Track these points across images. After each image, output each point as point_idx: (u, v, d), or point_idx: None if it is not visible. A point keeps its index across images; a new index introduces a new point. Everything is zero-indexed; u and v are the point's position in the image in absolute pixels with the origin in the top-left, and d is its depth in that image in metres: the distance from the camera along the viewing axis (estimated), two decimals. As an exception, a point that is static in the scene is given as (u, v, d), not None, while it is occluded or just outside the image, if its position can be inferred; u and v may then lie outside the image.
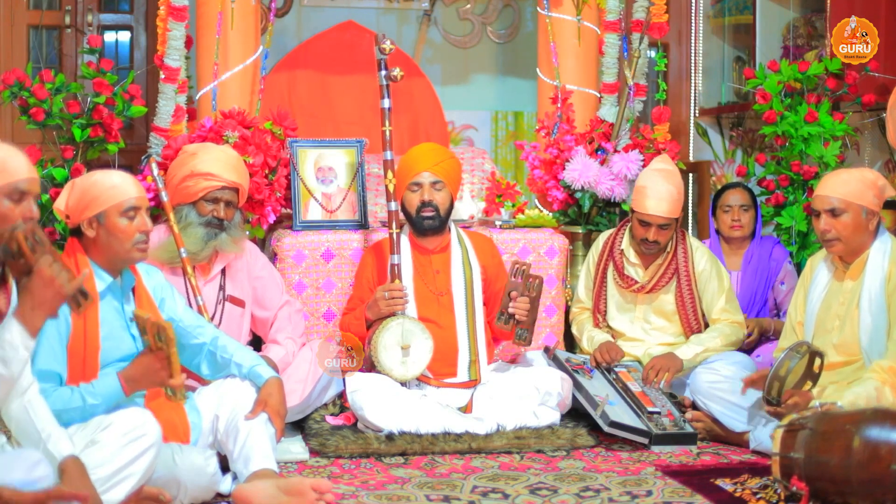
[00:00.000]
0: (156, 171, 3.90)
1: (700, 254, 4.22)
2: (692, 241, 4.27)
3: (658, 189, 4.07)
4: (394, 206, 3.99)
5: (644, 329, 4.25)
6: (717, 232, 4.66)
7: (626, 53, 4.94)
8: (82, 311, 2.59)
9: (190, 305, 3.57)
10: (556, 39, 4.92)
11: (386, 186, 4.01)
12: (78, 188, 3.08)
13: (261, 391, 3.25)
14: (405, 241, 4.07)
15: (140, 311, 3.01)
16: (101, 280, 3.05)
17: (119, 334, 3.07)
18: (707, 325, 4.20)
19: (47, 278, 2.49)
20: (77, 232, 3.08)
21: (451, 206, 4.10)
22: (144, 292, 3.17)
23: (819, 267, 3.75)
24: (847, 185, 3.54)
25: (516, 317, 3.91)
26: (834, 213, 3.54)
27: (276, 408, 3.22)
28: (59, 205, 3.11)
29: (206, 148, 3.92)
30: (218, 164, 3.79)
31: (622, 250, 4.26)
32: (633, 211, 4.17)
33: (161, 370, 2.91)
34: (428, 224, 4.02)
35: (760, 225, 4.64)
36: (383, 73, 4.01)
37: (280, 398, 3.26)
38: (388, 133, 4.02)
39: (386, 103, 4.01)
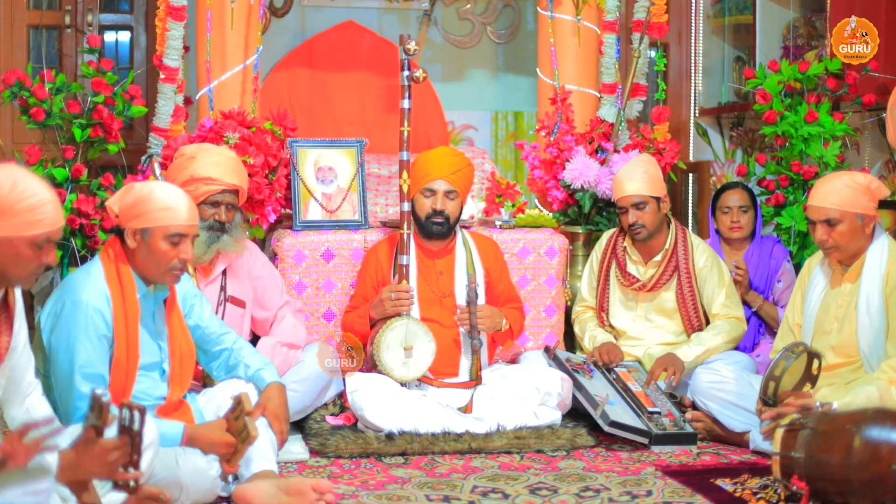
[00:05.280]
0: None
1: (700, 251, 4.25)
2: (693, 238, 4.29)
3: (627, 173, 4.24)
4: (406, 206, 3.99)
5: (646, 327, 4.27)
6: (717, 232, 4.67)
7: (617, 54, 4.95)
8: (129, 495, 2.49)
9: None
10: (555, 39, 4.93)
11: (400, 186, 4.01)
12: (133, 195, 3.03)
13: (261, 395, 3.27)
14: (411, 243, 4.07)
15: (245, 397, 3.01)
16: (138, 289, 3.06)
17: (148, 343, 3.09)
18: (708, 322, 4.22)
19: (107, 460, 2.38)
20: (119, 233, 3.06)
21: (461, 213, 4.12)
22: (175, 303, 3.19)
23: (816, 269, 3.76)
24: (840, 194, 3.53)
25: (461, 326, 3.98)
26: (830, 223, 3.53)
27: (275, 411, 3.23)
28: (112, 203, 3.07)
29: (204, 150, 3.84)
30: (218, 168, 3.73)
31: (624, 248, 4.30)
32: (615, 205, 4.30)
33: (225, 450, 2.97)
34: (436, 230, 4.03)
35: (760, 224, 4.64)
36: (406, 73, 4.01)
37: (279, 402, 3.27)
38: (405, 133, 4.01)
39: (406, 104, 4.01)
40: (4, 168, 2.41)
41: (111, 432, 2.38)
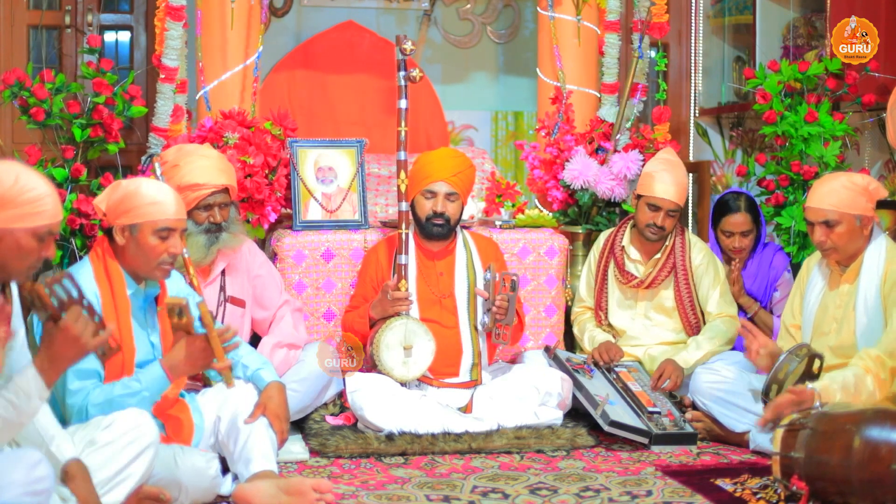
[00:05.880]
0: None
1: (697, 249, 4.27)
2: (690, 236, 4.30)
3: (667, 176, 4.18)
4: (405, 206, 3.99)
5: (645, 326, 4.27)
6: (717, 241, 4.61)
7: (640, 51, 4.91)
8: (108, 358, 2.51)
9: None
10: (556, 39, 4.93)
11: (398, 186, 4.01)
12: (120, 192, 3.06)
13: (261, 395, 3.27)
14: (411, 243, 4.07)
15: (171, 298, 2.97)
16: (128, 287, 3.06)
17: (141, 340, 3.09)
18: (705, 320, 4.22)
19: (73, 336, 2.41)
20: (109, 232, 3.07)
21: (461, 214, 4.12)
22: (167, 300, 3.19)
23: (815, 270, 3.76)
24: (838, 195, 3.53)
25: (496, 315, 3.91)
26: (828, 224, 3.54)
27: (276, 411, 3.23)
28: (99, 202, 3.10)
29: (187, 156, 3.75)
30: (204, 173, 3.68)
31: (623, 247, 4.30)
32: (638, 197, 4.24)
33: (203, 353, 2.93)
34: (437, 231, 4.03)
35: (764, 236, 4.58)
36: (402, 73, 4.01)
37: (280, 401, 3.26)
38: (403, 133, 4.01)
39: (403, 104, 4.01)
40: (6, 164, 2.46)
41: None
